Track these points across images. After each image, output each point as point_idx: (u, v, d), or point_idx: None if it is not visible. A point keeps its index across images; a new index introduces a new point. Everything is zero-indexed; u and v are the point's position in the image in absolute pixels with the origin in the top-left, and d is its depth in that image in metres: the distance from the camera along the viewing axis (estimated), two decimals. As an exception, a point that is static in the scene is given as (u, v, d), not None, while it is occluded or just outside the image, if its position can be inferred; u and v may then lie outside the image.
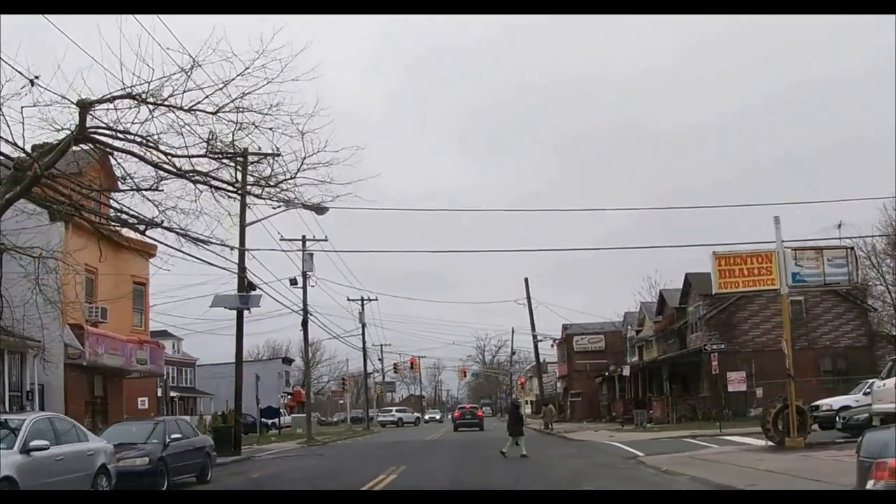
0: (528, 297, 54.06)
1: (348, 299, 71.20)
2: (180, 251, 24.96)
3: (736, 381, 40.31)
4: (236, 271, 32.38)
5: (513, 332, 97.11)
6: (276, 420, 61.53)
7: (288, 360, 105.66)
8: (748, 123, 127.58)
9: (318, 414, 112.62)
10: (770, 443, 22.90)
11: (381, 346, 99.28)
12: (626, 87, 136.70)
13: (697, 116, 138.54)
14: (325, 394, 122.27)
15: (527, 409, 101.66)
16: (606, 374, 63.02)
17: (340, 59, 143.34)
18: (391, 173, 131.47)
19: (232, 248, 30.27)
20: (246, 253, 32.95)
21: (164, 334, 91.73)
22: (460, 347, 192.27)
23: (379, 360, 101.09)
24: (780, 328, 49.00)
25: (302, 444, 43.79)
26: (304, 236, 47.34)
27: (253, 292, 31.78)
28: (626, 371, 45.93)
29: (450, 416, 77.94)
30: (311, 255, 46.99)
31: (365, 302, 72.27)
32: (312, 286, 46.96)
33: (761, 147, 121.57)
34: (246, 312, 32.38)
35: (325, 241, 47.68)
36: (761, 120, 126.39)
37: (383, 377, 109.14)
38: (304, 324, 46.21)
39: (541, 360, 56.13)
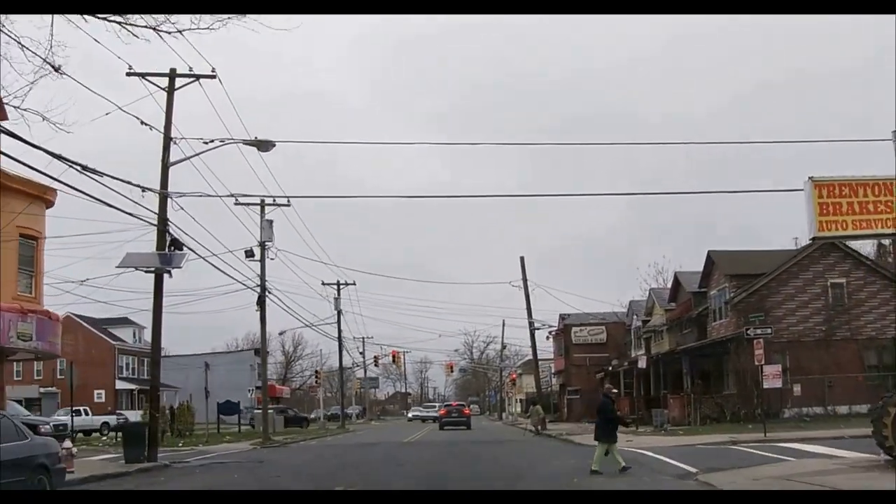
0: (525, 279, 47.09)
1: (323, 283, 64.19)
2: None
3: (771, 377, 33.65)
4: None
5: (503, 324, 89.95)
6: (236, 416, 54.30)
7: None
8: (739, 113, 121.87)
9: (295, 410, 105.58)
10: (887, 456, 15.91)
11: (363, 338, 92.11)
12: (616, 77, 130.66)
13: (688, 107, 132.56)
14: (305, 389, 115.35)
15: (516, 409, 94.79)
16: (610, 368, 56.04)
17: (322, 50, 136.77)
18: (375, 166, 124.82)
19: (144, 190, 23.16)
20: (183, 216, 25.77)
21: (125, 321, 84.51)
22: (448, 341, 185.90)
23: (360, 353, 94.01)
24: (819, 314, 42.46)
25: (255, 446, 36.77)
26: (262, 199, 40.26)
27: (177, 251, 24.58)
28: (643, 363, 38.91)
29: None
30: (271, 222, 39.90)
31: (341, 286, 65.27)
32: (272, 259, 39.86)
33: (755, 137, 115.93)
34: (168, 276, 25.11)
35: (288, 205, 40.66)
36: (754, 109, 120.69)
37: (365, 372, 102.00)
38: (261, 301, 39.06)
39: (536, 352, 49.06)
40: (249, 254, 39.13)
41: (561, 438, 36.30)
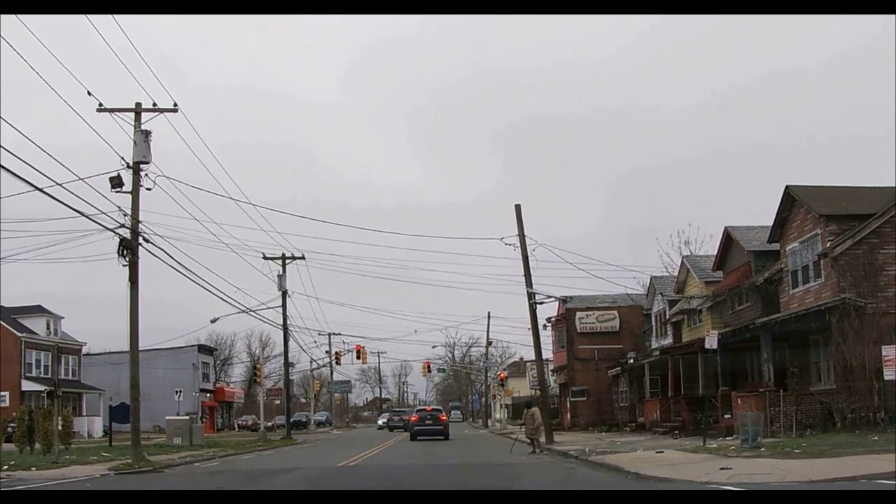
0: (521, 234, 34.10)
1: (264, 257, 51.10)
2: None
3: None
4: None
5: (489, 316, 77.11)
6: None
7: (207, 349, 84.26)
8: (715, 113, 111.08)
9: (253, 417, 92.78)
10: None
11: (329, 334, 78.90)
12: (584, 73, 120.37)
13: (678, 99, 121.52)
14: (274, 392, 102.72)
15: (502, 415, 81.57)
16: (631, 360, 43.12)
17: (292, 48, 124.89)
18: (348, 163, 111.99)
19: None
20: None
21: (38, 310, 70.65)
22: (426, 337, 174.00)
23: (326, 352, 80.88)
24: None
25: (113, 470, 23.72)
26: (138, 103, 27.12)
27: None
28: (712, 341, 25.72)
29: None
30: (147, 133, 26.71)
31: (288, 261, 52.14)
32: (149, 189, 26.68)
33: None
34: None
35: (175, 110, 27.51)
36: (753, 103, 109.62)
37: (332, 372, 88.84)
38: (131, 247, 25.83)
39: (538, 330, 35.76)
40: (116, 182, 26.07)
41: (590, 461, 22.50)
